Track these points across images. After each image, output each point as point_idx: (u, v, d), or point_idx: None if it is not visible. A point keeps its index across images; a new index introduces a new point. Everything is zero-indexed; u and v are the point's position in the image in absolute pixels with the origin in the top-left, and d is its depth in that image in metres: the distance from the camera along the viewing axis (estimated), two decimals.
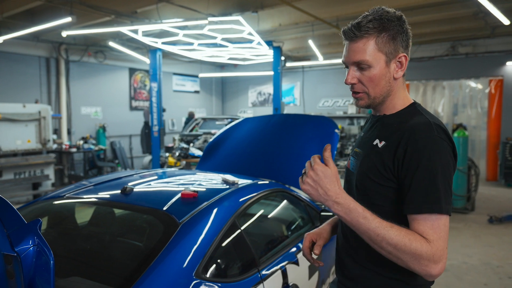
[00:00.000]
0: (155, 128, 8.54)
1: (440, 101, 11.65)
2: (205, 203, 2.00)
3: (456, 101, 11.40)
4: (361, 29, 1.24)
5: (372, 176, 1.27)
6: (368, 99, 1.31)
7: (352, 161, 1.42)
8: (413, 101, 1.36)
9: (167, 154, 8.55)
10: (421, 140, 1.18)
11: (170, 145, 9.89)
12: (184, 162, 7.59)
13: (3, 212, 1.14)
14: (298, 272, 2.22)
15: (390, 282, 1.28)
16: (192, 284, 1.59)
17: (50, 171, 7.64)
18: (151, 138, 8.75)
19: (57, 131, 9.35)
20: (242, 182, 2.45)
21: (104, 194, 2.26)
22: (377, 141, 1.30)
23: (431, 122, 1.23)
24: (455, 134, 6.93)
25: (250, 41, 7.68)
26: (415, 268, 1.14)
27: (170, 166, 7.86)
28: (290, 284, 2.09)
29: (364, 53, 1.24)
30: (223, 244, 1.88)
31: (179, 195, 2.08)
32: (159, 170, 3.02)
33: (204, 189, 2.31)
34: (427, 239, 1.13)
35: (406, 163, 1.19)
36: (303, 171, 1.25)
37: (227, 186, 2.33)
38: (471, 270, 4.27)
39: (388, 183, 1.24)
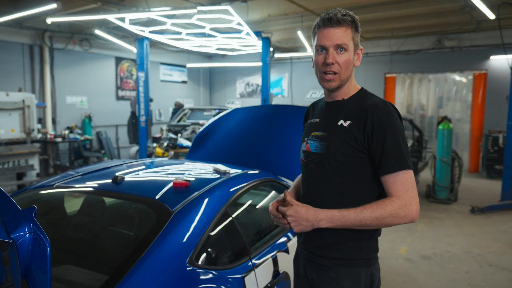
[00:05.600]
0: (142, 118, 8.46)
1: (426, 94, 11.81)
2: (197, 192, 2.02)
3: (441, 94, 11.56)
4: (343, 18, 1.47)
5: (345, 151, 1.49)
6: (339, 81, 1.51)
7: (314, 143, 1.58)
8: (360, 87, 1.60)
9: (154, 145, 8.49)
10: (384, 116, 1.46)
11: (158, 135, 9.82)
12: (172, 152, 7.55)
13: None
14: (289, 260, 2.25)
15: (359, 243, 1.51)
16: (186, 272, 1.61)
17: (34, 161, 7.50)
18: (138, 128, 8.66)
19: (41, 121, 9.16)
20: (233, 172, 2.47)
21: (95, 184, 2.25)
22: (341, 121, 1.52)
23: (385, 101, 1.52)
24: (440, 127, 6.89)
25: (239, 32, 7.63)
26: (400, 222, 1.42)
27: (158, 157, 7.81)
28: (281, 272, 2.14)
29: (345, 38, 1.48)
30: (216, 233, 1.90)
31: (171, 184, 2.08)
32: (148, 160, 3.01)
33: (196, 179, 2.32)
34: (398, 195, 1.41)
35: (375, 136, 1.45)
36: (284, 222, 1.47)
37: (219, 176, 2.34)
38: (453, 259, 4.40)
39: (360, 155, 1.48)
